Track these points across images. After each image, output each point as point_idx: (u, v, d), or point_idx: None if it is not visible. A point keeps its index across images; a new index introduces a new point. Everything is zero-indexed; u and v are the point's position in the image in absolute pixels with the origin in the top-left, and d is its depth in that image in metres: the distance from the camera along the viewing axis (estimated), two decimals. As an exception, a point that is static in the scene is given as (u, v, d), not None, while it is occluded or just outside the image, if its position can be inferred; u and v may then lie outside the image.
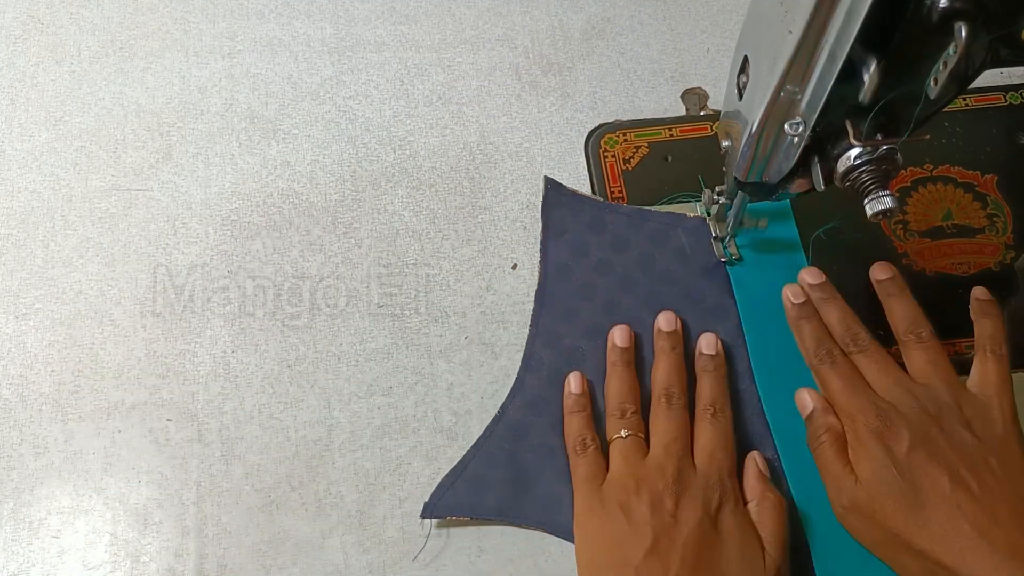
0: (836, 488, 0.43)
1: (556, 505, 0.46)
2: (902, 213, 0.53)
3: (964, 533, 0.39)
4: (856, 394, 0.44)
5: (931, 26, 0.31)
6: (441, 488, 0.46)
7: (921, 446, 0.42)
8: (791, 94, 0.37)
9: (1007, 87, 0.57)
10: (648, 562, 0.40)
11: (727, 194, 0.49)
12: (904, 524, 0.41)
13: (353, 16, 0.60)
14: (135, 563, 0.45)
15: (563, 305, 0.51)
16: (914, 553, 0.41)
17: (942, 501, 0.40)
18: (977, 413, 0.43)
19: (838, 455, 0.43)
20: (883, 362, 0.45)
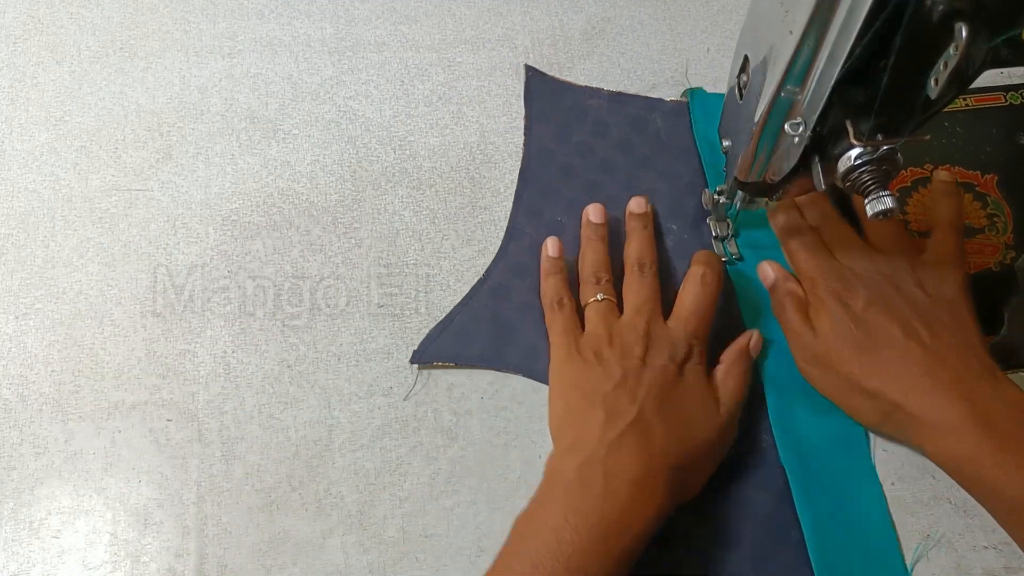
0: (798, 343, 0.47)
1: (534, 354, 0.49)
2: (902, 213, 0.53)
3: (913, 373, 0.43)
4: (818, 261, 0.48)
5: (931, 26, 0.31)
6: (428, 339, 0.50)
7: (877, 302, 0.45)
8: (791, 94, 0.37)
9: (1007, 87, 0.57)
10: (616, 392, 0.44)
11: (727, 194, 0.49)
12: (859, 368, 0.44)
13: (353, 16, 0.60)
14: (135, 563, 0.45)
15: (545, 184, 0.54)
16: (867, 394, 0.44)
17: (894, 346, 0.44)
18: (930, 277, 0.46)
19: (799, 314, 0.47)
20: (844, 233, 0.49)
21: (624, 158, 0.55)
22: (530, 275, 0.51)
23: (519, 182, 0.54)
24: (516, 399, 0.49)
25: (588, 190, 0.53)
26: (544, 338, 0.49)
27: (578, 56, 0.59)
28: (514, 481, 0.47)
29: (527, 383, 0.49)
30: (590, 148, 0.55)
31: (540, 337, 0.49)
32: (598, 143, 0.55)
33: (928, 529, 0.46)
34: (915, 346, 0.44)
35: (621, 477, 0.41)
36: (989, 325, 0.49)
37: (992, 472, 0.40)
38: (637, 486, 0.41)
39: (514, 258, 0.52)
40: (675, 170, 0.54)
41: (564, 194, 0.54)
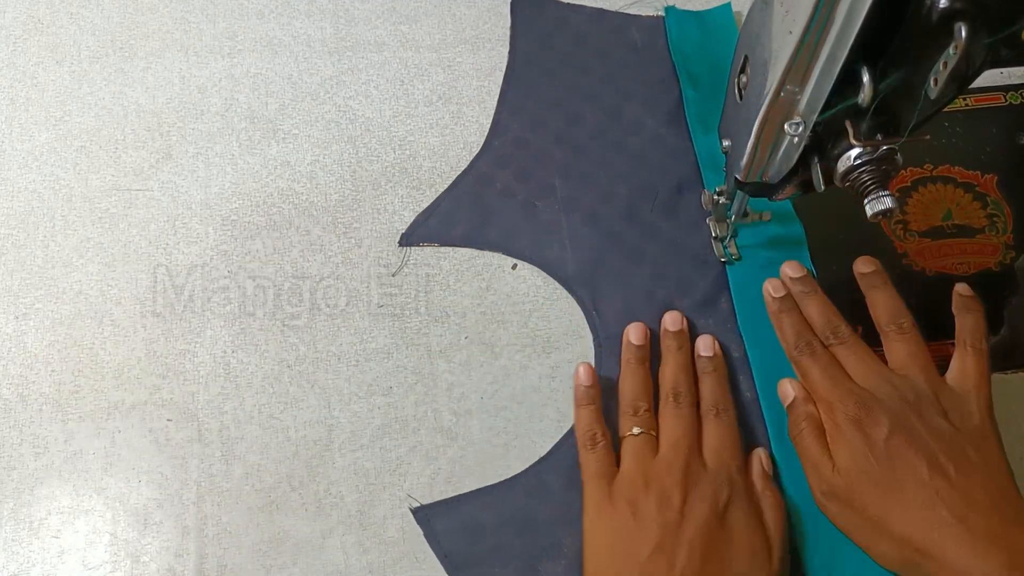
0: (815, 475, 0.44)
1: (514, 233, 0.52)
2: (902, 213, 0.53)
3: (942, 519, 0.40)
4: (835, 383, 0.45)
5: (931, 26, 0.31)
6: (416, 223, 0.53)
7: (899, 433, 0.42)
8: (791, 94, 0.37)
9: (1007, 87, 0.57)
10: (653, 558, 0.40)
11: (727, 194, 0.49)
12: (882, 510, 0.41)
13: (353, 16, 0.60)
14: (135, 563, 0.45)
15: (528, 84, 0.57)
16: (892, 539, 0.41)
17: (920, 487, 0.41)
18: (955, 405, 0.43)
19: (817, 442, 0.44)
20: (862, 353, 0.46)
21: (602, 63, 0.58)
22: (511, 165, 0.55)
23: (503, 83, 0.58)
24: (516, 399, 0.49)
25: (569, 89, 0.57)
26: (524, 220, 0.52)
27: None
28: (514, 481, 0.47)
29: (527, 384, 0.49)
30: (571, 55, 0.59)
31: (520, 219, 0.53)
32: (578, 51, 0.59)
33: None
34: (943, 486, 0.40)
35: None
36: (989, 325, 0.49)
37: None
38: None
39: (498, 151, 0.55)
40: (650, 72, 0.58)
41: (546, 93, 0.57)
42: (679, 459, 0.44)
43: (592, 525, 0.44)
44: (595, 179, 0.54)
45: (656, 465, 0.44)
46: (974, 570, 0.39)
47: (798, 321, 0.48)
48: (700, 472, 0.43)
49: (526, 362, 0.50)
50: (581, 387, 0.47)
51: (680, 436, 0.45)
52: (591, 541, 0.43)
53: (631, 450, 0.45)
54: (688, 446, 0.44)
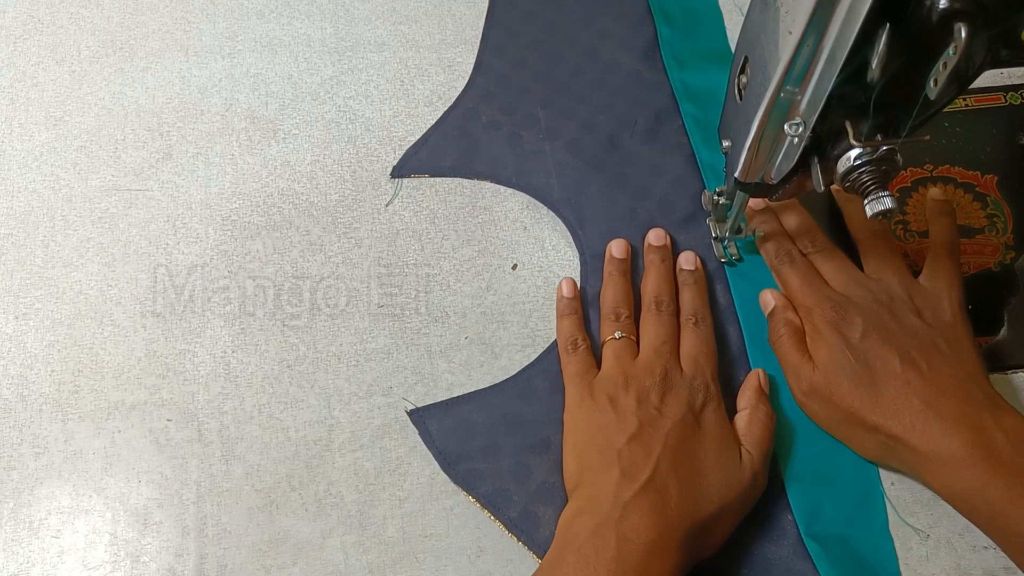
0: (795, 376, 0.46)
1: (500, 162, 0.54)
2: (902, 213, 0.53)
3: (913, 406, 0.42)
4: (813, 289, 0.47)
5: (931, 26, 0.31)
6: (406, 156, 0.55)
7: (874, 331, 0.45)
8: (791, 94, 0.37)
9: (1007, 87, 0.57)
10: (631, 446, 0.43)
11: (727, 194, 0.49)
12: (859, 401, 0.44)
13: (353, 16, 0.60)
14: (135, 563, 0.45)
15: (509, 26, 0.59)
16: (868, 428, 0.44)
17: (893, 379, 0.43)
18: (927, 302, 0.46)
19: (796, 346, 0.46)
20: (838, 260, 0.49)
21: (580, 4, 0.60)
22: (496, 99, 0.56)
23: (485, 24, 0.60)
24: (516, 399, 0.49)
25: (548, 30, 0.59)
26: (509, 148, 0.54)
27: None
28: (514, 481, 0.47)
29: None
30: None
31: (506, 149, 0.54)
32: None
33: (928, 529, 0.46)
34: (915, 377, 0.43)
35: (635, 541, 0.40)
36: (989, 325, 0.50)
37: (1001, 504, 0.39)
38: (651, 550, 0.39)
39: (482, 88, 0.57)
40: (625, 12, 0.60)
41: (526, 34, 0.59)
42: (659, 362, 0.46)
43: (572, 417, 0.46)
44: (576, 111, 0.56)
45: (636, 366, 0.46)
46: (941, 449, 0.41)
47: (778, 230, 0.50)
48: (678, 375, 0.46)
49: (526, 362, 0.50)
50: (564, 299, 0.50)
51: (661, 341, 0.47)
52: (571, 432, 0.46)
53: (612, 352, 0.47)
54: (668, 351, 0.46)
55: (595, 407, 0.45)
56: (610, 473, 0.42)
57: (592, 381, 0.46)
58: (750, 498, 0.44)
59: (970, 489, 0.41)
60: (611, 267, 0.51)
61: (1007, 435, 0.41)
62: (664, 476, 0.42)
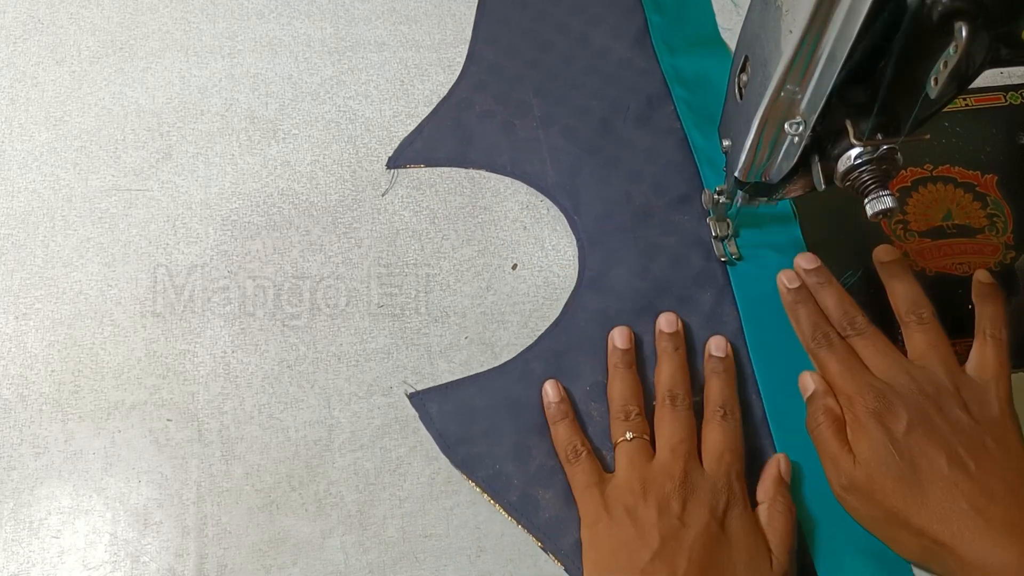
0: (834, 468, 0.44)
1: (495, 150, 0.55)
2: (902, 213, 0.53)
3: (961, 511, 0.40)
4: (854, 376, 0.45)
5: (931, 26, 0.31)
6: (402, 147, 0.55)
7: (919, 426, 0.42)
8: (791, 94, 0.37)
9: (1007, 87, 0.57)
10: (654, 564, 0.40)
11: (727, 194, 0.49)
12: (902, 502, 0.41)
13: (353, 16, 0.60)
14: (135, 563, 0.45)
15: (500, 15, 0.60)
16: (912, 531, 0.41)
17: (940, 480, 0.41)
18: (974, 395, 0.43)
19: (836, 436, 0.44)
20: (881, 344, 0.46)
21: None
22: (489, 89, 0.57)
23: (476, 14, 0.60)
24: (516, 399, 0.49)
25: (539, 19, 0.60)
26: (504, 137, 0.55)
27: (578, 56, 0.59)
28: (514, 481, 0.47)
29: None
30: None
31: (501, 137, 0.55)
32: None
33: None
34: (962, 479, 0.41)
35: None
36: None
37: None
38: None
39: (475, 77, 0.57)
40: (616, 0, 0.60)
41: (518, 23, 0.59)
42: (678, 464, 0.43)
43: (590, 534, 0.43)
44: (569, 98, 0.56)
45: (653, 470, 0.43)
46: (993, 560, 0.39)
47: (814, 312, 0.48)
48: (699, 477, 0.43)
49: (526, 362, 0.50)
50: (551, 404, 0.47)
51: (678, 440, 0.44)
52: (590, 551, 0.43)
53: (625, 456, 0.44)
54: (687, 450, 0.44)
55: (612, 522, 0.42)
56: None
57: (605, 491, 0.44)
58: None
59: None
60: (615, 359, 0.48)
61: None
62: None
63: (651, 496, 0.42)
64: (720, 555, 0.41)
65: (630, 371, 0.47)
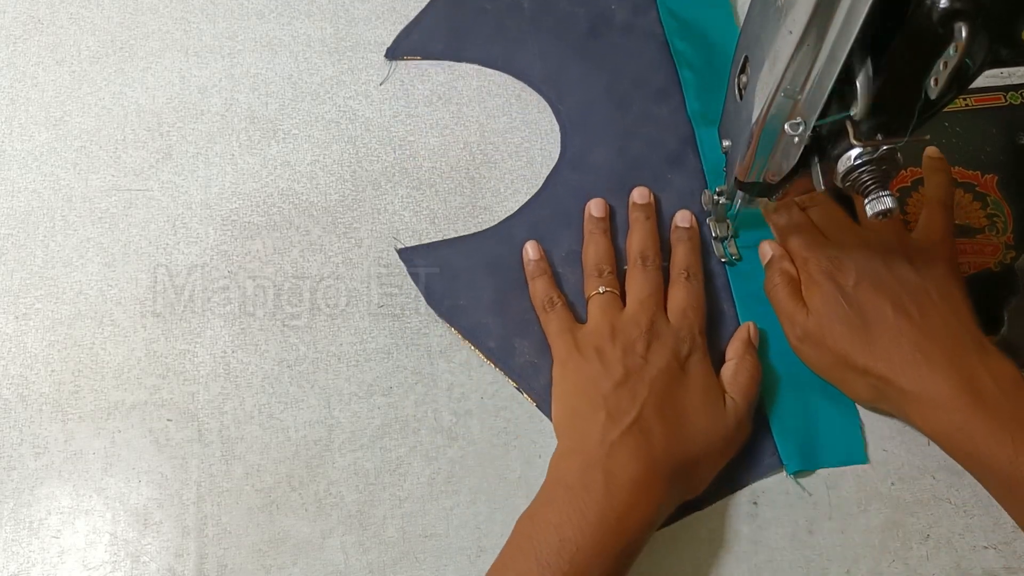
0: (790, 322, 0.48)
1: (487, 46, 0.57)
2: (902, 213, 0.53)
3: (904, 350, 0.44)
4: (808, 240, 0.48)
5: (931, 26, 0.31)
6: (399, 38, 0.58)
7: (867, 280, 0.46)
8: (791, 94, 0.37)
9: (1007, 87, 0.57)
10: (617, 391, 0.44)
11: (727, 194, 0.49)
12: (851, 345, 0.45)
13: (353, 16, 0.60)
14: (135, 563, 0.45)
15: None
16: (860, 371, 0.45)
17: (885, 324, 0.45)
18: (920, 255, 0.47)
19: (792, 295, 0.48)
20: (834, 212, 0.50)
21: None
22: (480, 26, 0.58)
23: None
24: (516, 399, 0.49)
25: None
26: (497, 33, 0.57)
27: (578, 56, 0.60)
28: (514, 481, 0.47)
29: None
30: None
31: (493, 33, 0.58)
32: None
33: (928, 529, 0.46)
34: (905, 323, 0.44)
35: (621, 477, 0.41)
36: (989, 325, 0.49)
37: (984, 443, 0.41)
38: (637, 486, 0.41)
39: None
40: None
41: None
42: (645, 314, 0.47)
43: (560, 370, 0.47)
44: (557, 2, 0.59)
45: (622, 319, 0.47)
46: (929, 390, 0.43)
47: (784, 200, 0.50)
48: (664, 327, 0.47)
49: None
50: (531, 261, 0.51)
51: (647, 295, 0.48)
52: (560, 383, 0.47)
53: (597, 306, 0.48)
54: (654, 304, 0.48)
55: (582, 359, 0.46)
56: (597, 416, 0.43)
57: (578, 335, 0.47)
58: (735, 443, 0.46)
59: (955, 428, 0.42)
60: (591, 225, 0.51)
61: (993, 376, 0.42)
62: (649, 418, 0.43)
63: (618, 340, 0.46)
64: (678, 388, 0.45)
65: (605, 236, 0.51)
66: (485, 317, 0.50)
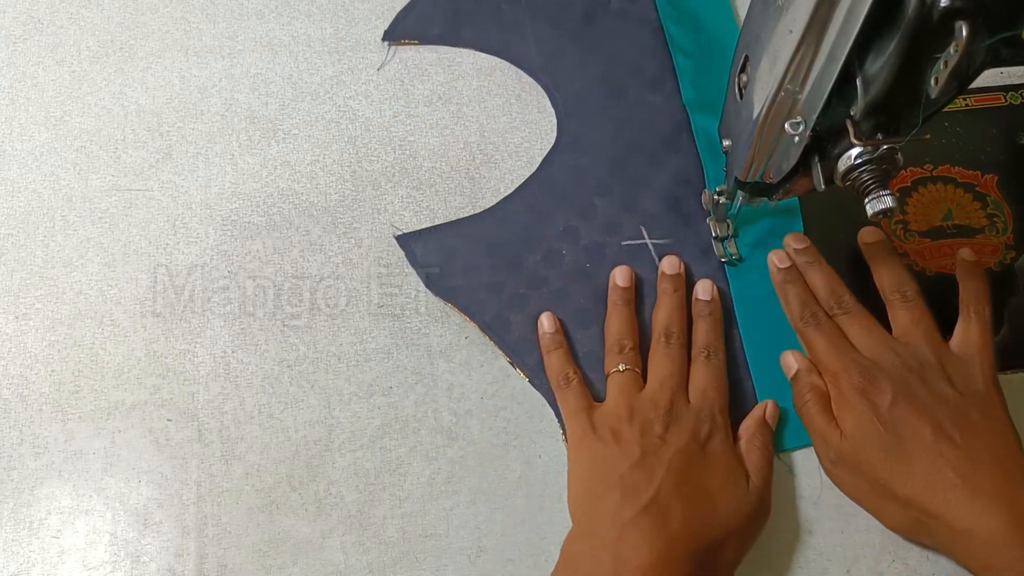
0: (822, 444, 0.45)
1: (484, 32, 0.58)
2: (902, 213, 0.53)
3: (948, 480, 0.40)
4: (840, 353, 0.45)
5: (931, 26, 0.31)
6: (396, 20, 0.58)
7: (903, 400, 0.43)
8: (791, 94, 0.37)
9: (1007, 87, 0.57)
10: (633, 472, 0.42)
11: (727, 194, 0.49)
12: (889, 474, 0.42)
13: (353, 16, 0.60)
14: (135, 563, 0.45)
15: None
16: (900, 502, 0.42)
17: (925, 450, 0.41)
18: (958, 370, 0.44)
19: (823, 412, 0.45)
20: (866, 322, 0.47)
21: None
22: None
23: None
24: (516, 399, 0.49)
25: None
26: (494, 19, 0.58)
27: (578, 56, 0.60)
28: (514, 481, 0.47)
29: (527, 384, 0.49)
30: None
31: (489, 18, 0.58)
32: None
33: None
34: (948, 449, 0.41)
35: (632, 563, 0.39)
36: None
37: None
38: (648, 572, 0.39)
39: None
40: None
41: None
42: (664, 395, 0.45)
43: (575, 451, 0.45)
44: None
45: (641, 399, 0.45)
46: (979, 528, 0.39)
47: (802, 291, 0.48)
48: (684, 408, 0.45)
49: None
50: (546, 335, 0.49)
51: (668, 374, 0.46)
52: (575, 465, 0.45)
53: (616, 385, 0.46)
54: (675, 384, 0.46)
55: (597, 440, 0.44)
56: (611, 496, 0.42)
57: (593, 415, 0.45)
58: (759, 525, 0.44)
59: (1007, 567, 0.39)
60: (615, 296, 0.49)
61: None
62: (667, 498, 0.41)
63: (636, 421, 0.44)
64: (698, 469, 0.43)
65: (628, 308, 0.49)
66: (482, 294, 0.50)
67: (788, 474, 0.47)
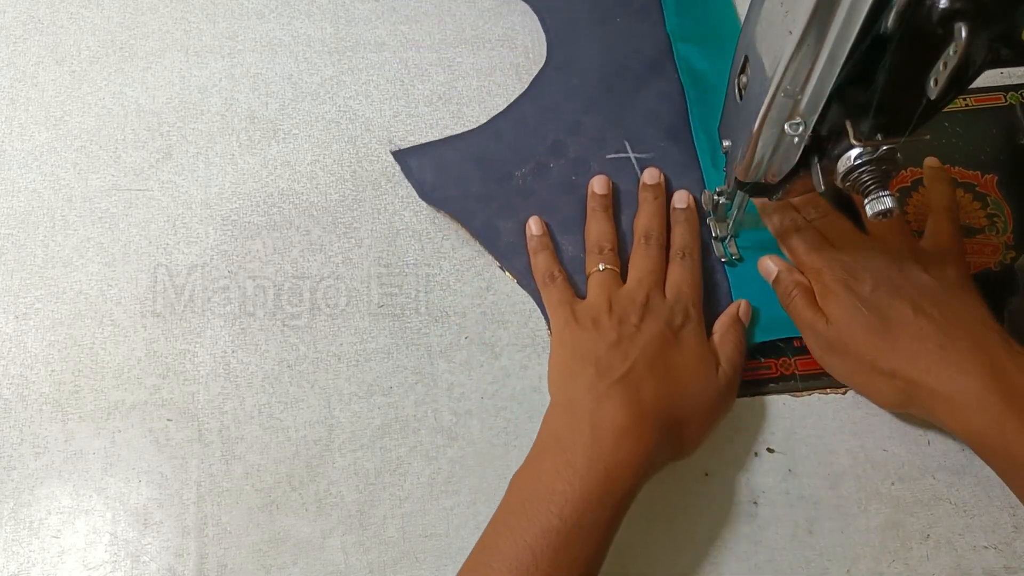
0: (811, 333, 0.48)
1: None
2: (902, 213, 0.53)
3: (929, 350, 0.43)
4: (822, 252, 0.48)
5: (931, 26, 0.31)
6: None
7: (883, 285, 0.46)
8: (791, 95, 0.37)
9: (1007, 87, 0.57)
10: (609, 353, 0.45)
11: (727, 194, 0.49)
12: (874, 350, 0.45)
13: (353, 16, 0.60)
14: (135, 563, 0.45)
15: None
16: (886, 375, 0.45)
17: (907, 326, 0.44)
18: (932, 262, 0.47)
19: (809, 305, 0.47)
20: (844, 225, 0.50)
21: None
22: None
23: None
24: (516, 399, 0.49)
25: None
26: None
27: None
28: (514, 481, 0.47)
29: (527, 384, 0.49)
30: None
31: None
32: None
33: (928, 529, 0.46)
34: (927, 324, 0.44)
35: (607, 427, 0.42)
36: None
37: (1017, 440, 0.40)
38: (624, 432, 0.42)
39: None
40: None
41: None
42: (642, 290, 0.48)
43: (557, 339, 0.48)
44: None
45: (620, 294, 0.48)
46: (959, 388, 0.42)
47: (783, 204, 0.51)
48: (660, 302, 0.48)
49: (526, 362, 0.50)
50: (534, 237, 0.52)
51: (646, 272, 0.49)
52: (556, 351, 0.48)
53: (597, 282, 0.49)
54: (652, 282, 0.48)
55: (578, 328, 0.47)
56: (587, 371, 0.44)
57: (576, 307, 0.48)
58: (723, 407, 0.47)
59: (988, 427, 0.41)
60: (594, 203, 0.52)
61: (1022, 372, 0.42)
62: (640, 373, 0.44)
63: (615, 312, 0.47)
64: (671, 352, 0.46)
65: (606, 214, 0.52)
66: (472, 203, 0.53)
67: (790, 474, 0.47)
